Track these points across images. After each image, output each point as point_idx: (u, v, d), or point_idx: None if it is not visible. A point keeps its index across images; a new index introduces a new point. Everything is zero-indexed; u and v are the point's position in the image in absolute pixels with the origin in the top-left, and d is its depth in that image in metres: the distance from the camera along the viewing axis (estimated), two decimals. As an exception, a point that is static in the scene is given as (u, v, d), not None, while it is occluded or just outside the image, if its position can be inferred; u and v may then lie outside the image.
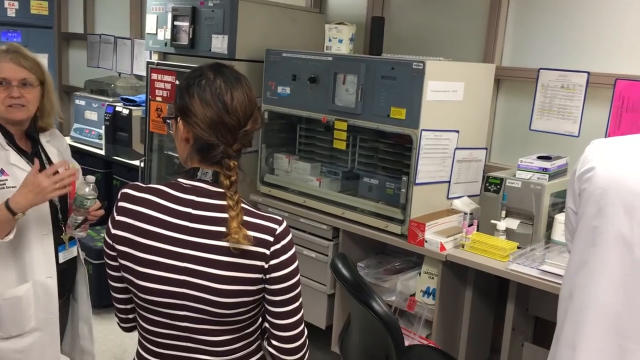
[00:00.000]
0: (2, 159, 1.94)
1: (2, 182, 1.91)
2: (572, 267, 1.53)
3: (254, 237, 1.26)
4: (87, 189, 1.97)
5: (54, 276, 2.03)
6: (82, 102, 4.74)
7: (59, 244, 2.06)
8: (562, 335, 1.52)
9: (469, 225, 2.63)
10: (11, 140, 1.98)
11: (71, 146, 4.70)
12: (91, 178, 2.01)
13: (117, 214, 1.32)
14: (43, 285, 2.00)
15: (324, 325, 3.08)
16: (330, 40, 3.18)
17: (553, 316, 1.62)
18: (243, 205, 1.30)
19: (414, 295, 2.76)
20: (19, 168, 1.95)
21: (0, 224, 1.83)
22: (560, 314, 1.55)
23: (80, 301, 2.22)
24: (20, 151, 1.99)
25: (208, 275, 1.26)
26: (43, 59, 5.54)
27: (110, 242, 1.33)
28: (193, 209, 1.29)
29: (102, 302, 3.28)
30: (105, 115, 4.31)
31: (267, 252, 1.27)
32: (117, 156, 4.24)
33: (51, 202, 2.01)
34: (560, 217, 2.54)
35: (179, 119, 1.32)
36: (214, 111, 1.27)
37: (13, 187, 1.91)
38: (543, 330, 2.76)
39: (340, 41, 3.14)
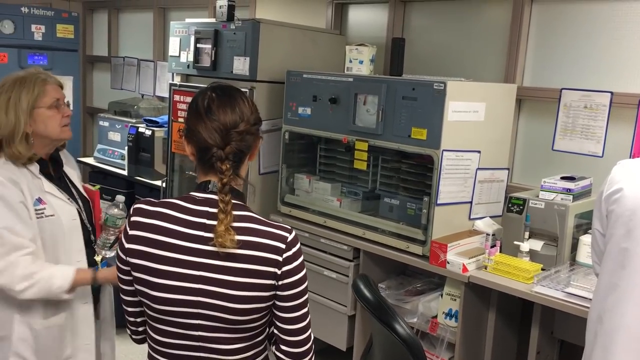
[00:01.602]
0: (37, 187, 1.94)
1: (40, 211, 1.92)
2: (601, 289, 1.50)
3: (267, 245, 1.30)
4: (117, 209, 2.04)
5: (90, 302, 2.05)
6: (106, 124, 4.81)
7: (92, 266, 2.07)
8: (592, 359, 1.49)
9: (492, 247, 2.60)
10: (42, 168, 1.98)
11: (94, 167, 4.80)
12: (121, 198, 2.08)
13: (131, 229, 1.36)
14: (80, 311, 2.02)
15: (345, 346, 3.05)
16: (350, 61, 3.20)
17: (579, 339, 1.59)
18: (253, 215, 1.35)
19: (435, 317, 2.72)
20: (52, 195, 1.97)
21: (76, 286, 1.92)
22: (589, 337, 1.52)
23: (104, 320, 2.23)
24: (49, 178, 2.01)
25: (223, 283, 1.29)
26: (68, 81, 5.63)
27: (124, 256, 1.36)
28: (207, 219, 1.32)
29: (123, 322, 3.29)
30: (128, 136, 4.37)
31: (280, 258, 1.31)
32: (140, 176, 4.29)
33: (84, 226, 2.04)
34: (585, 239, 2.50)
35: (185, 140, 1.40)
36: (203, 116, 1.34)
37: (51, 215, 1.93)
38: (568, 354, 2.70)
39: (361, 62, 3.16)
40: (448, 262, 2.55)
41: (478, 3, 3.31)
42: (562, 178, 2.63)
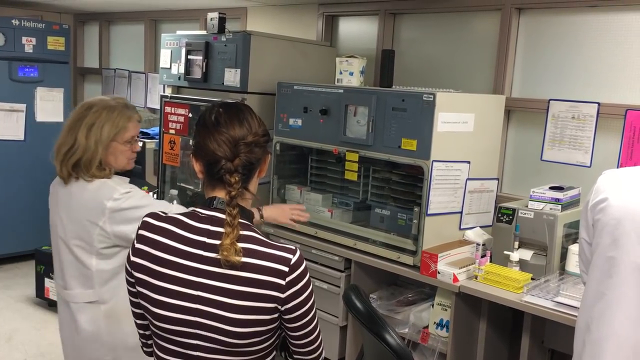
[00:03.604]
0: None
1: None
2: (589, 298, 1.52)
3: (268, 267, 1.27)
4: (175, 202, 2.18)
5: None
6: (97, 135, 4.80)
7: None
8: (580, 368, 1.50)
9: (482, 256, 2.61)
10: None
11: (85, 178, 4.76)
12: (174, 191, 2.20)
13: (137, 242, 1.35)
14: None
15: (337, 357, 3.05)
16: (341, 73, 3.22)
17: (569, 349, 1.60)
18: (256, 235, 1.32)
19: (427, 327, 2.73)
20: None
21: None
22: (578, 346, 1.53)
23: None
24: None
25: (221, 304, 1.27)
26: (59, 94, 5.63)
27: (130, 269, 1.36)
28: (207, 237, 1.30)
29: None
30: (119, 148, 4.35)
31: (283, 282, 1.27)
32: (130, 188, 4.27)
33: None
34: (574, 248, 2.52)
35: (193, 157, 1.39)
36: (212, 130, 1.34)
37: None
38: (559, 364, 2.72)
39: (351, 74, 3.18)
40: (439, 272, 2.56)
41: (467, 15, 3.35)
42: (551, 188, 2.66)
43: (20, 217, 5.06)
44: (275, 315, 1.29)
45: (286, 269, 1.28)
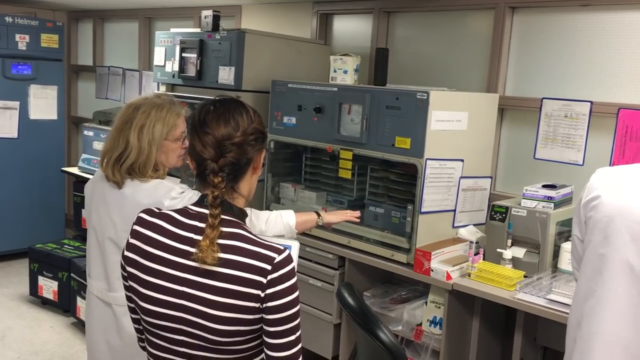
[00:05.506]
0: None
1: None
2: (580, 295, 1.53)
3: (251, 265, 1.26)
4: None
5: None
6: (91, 133, 4.80)
7: None
8: (571, 365, 1.51)
9: (475, 254, 2.63)
10: None
11: (79, 176, 4.77)
12: None
13: (131, 237, 1.36)
14: None
15: (330, 355, 3.05)
16: (335, 71, 3.22)
17: (561, 346, 1.61)
18: (245, 233, 1.31)
19: (420, 324, 2.74)
20: None
21: (309, 225, 2.25)
22: (569, 342, 1.54)
23: None
24: None
25: (204, 301, 1.27)
26: (52, 91, 5.60)
27: (123, 263, 1.37)
28: (195, 234, 1.30)
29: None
30: (113, 146, 4.34)
31: (264, 280, 1.25)
32: (124, 186, 4.26)
33: None
34: (566, 246, 2.54)
35: (188, 156, 1.39)
36: (197, 130, 1.34)
37: None
38: (552, 361, 2.73)
39: (345, 72, 3.19)
40: (432, 270, 2.58)
41: (461, 14, 3.36)
42: (544, 186, 2.67)
43: (14, 215, 5.05)
44: (258, 316, 1.27)
45: (269, 267, 1.25)
